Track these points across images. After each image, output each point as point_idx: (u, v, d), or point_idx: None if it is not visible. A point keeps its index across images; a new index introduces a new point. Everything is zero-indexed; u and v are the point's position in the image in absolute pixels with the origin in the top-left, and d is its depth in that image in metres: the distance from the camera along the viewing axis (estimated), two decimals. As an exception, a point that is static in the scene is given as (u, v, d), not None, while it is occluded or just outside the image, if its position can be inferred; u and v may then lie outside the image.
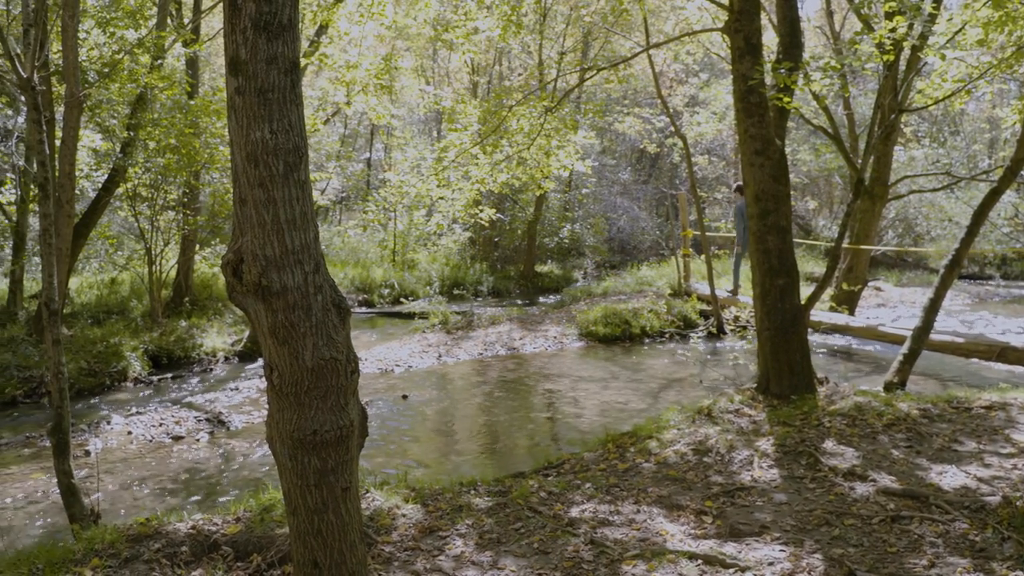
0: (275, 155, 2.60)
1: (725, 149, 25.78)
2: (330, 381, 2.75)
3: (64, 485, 5.20)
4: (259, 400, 9.64)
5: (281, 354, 2.70)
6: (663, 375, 10.88)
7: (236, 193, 2.65)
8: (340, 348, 2.77)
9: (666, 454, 6.31)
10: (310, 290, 2.69)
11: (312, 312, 2.70)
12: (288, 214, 2.63)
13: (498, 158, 11.22)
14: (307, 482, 2.78)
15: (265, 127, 2.57)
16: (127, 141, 12.66)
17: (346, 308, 2.79)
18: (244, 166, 2.61)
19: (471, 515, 4.89)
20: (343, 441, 2.79)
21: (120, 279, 17.76)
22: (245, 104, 2.57)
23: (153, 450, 7.79)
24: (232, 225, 2.69)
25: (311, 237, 2.72)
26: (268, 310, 2.66)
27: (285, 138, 2.61)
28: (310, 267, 2.70)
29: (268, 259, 2.62)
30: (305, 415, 2.74)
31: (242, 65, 2.55)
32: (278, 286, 2.64)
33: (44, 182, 5.26)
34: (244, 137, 2.58)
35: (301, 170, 2.67)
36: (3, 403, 9.89)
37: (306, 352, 2.70)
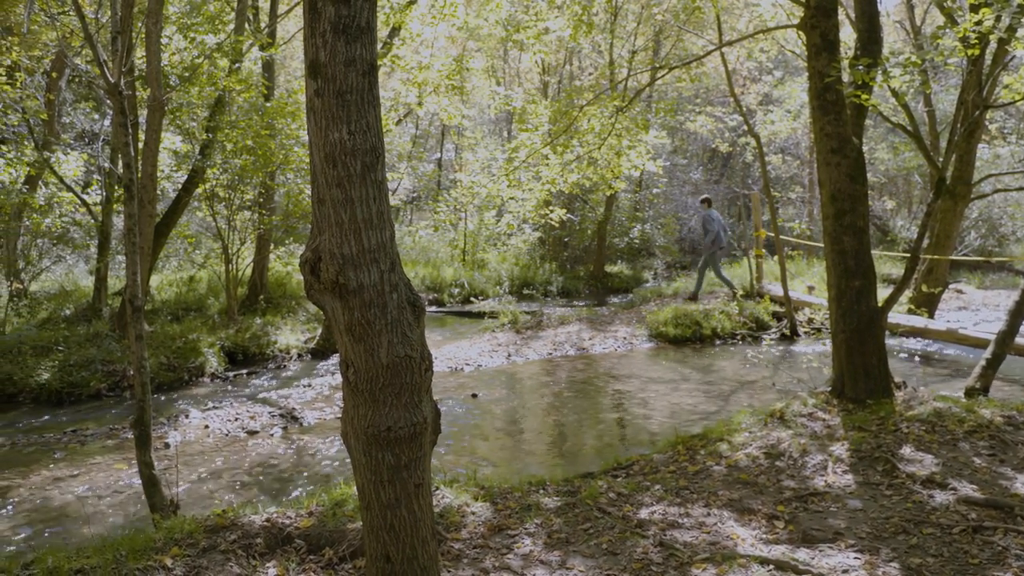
0: (353, 155, 2.64)
1: (799, 148, 25.26)
2: (404, 378, 2.79)
3: (145, 476, 5.38)
4: (331, 397, 9.81)
5: (357, 351, 2.75)
6: (734, 377, 10.72)
7: (314, 193, 2.71)
8: (415, 346, 2.81)
9: (737, 457, 6.21)
10: (386, 288, 2.74)
11: (388, 310, 2.74)
12: (365, 213, 2.67)
13: (568, 158, 11.21)
14: (381, 478, 2.83)
15: (343, 128, 2.62)
16: (206, 143, 13.03)
17: (421, 306, 2.83)
18: (322, 166, 2.66)
19: (540, 514, 4.90)
20: (416, 438, 2.82)
21: (198, 277, 18.27)
22: (324, 106, 2.62)
23: (229, 444, 7.99)
24: (311, 224, 2.74)
25: (387, 236, 2.76)
26: (345, 308, 2.71)
27: (363, 139, 2.65)
28: (386, 265, 2.74)
29: (345, 257, 2.67)
30: (380, 411, 2.79)
31: (321, 68, 2.59)
32: (355, 284, 2.69)
33: (129, 183, 5.44)
34: (323, 138, 2.63)
35: (378, 170, 2.72)
36: (88, 396, 10.28)
37: (381, 349, 2.74)
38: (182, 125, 13.97)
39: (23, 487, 6.78)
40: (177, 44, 13.89)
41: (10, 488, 6.76)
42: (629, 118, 11.34)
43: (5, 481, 6.92)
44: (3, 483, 6.88)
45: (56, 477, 7.02)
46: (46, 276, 17.58)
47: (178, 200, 13.54)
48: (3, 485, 6.83)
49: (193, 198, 14.58)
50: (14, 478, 7.01)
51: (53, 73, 16.67)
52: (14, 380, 10.27)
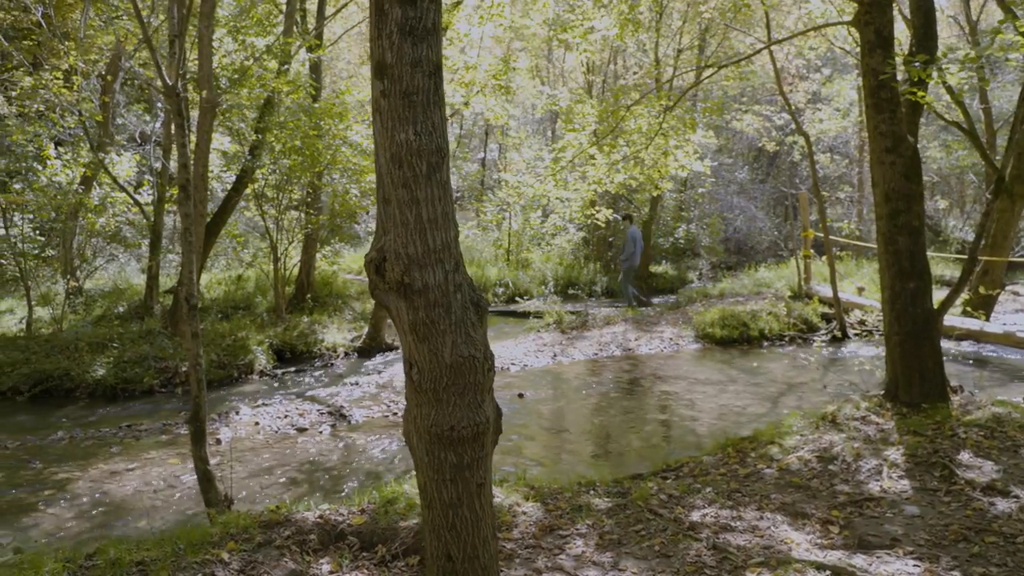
0: (419, 156, 2.66)
1: (848, 147, 24.87)
2: (468, 378, 2.80)
3: (201, 471, 5.47)
4: (378, 396, 9.89)
5: (421, 351, 2.77)
6: (783, 379, 10.60)
7: (379, 193, 2.73)
8: (478, 346, 2.83)
9: (789, 460, 6.14)
10: (450, 288, 2.75)
11: (452, 310, 2.75)
12: (430, 214, 2.69)
13: (615, 158, 11.16)
14: (443, 477, 2.84)
15: (409, 129, 2.64)
16: (255, 144, 13.21)
17: (484, 306, 2.84)
18: (388, 167, 2.68)
19: (591, 515, 4.89)
20: (479, 437, 2.84)
21: (245, 276, 18.53)
22: (390, 107, 2.65)
23: (279, 440, 8.10)
24: (375, 224, 2.76)
25: (451, 236, 2.77)
26: (409, 307, 2.73)
27: (428, 139, 2.67)
28: (450, 266, 2.75)
29: (411, 257, 2.69)
30: (443, 411, 2.80)
31: (388, 69, 2.62)
32: (420, 284, 2.71)
33: (185, 183, 5.54)
34: (389, 139, 2.66)
35: (443, 171, 2.73)
36: (142, 392, 10.48)
37: (445, 349, 2.76)
38: (231, 126, 14.18)
39: (82, 480, 6.94)
40: (227, 47, 14.10)
41: (70, 480, 6.92)
42: (676, 117, 11.25)
43: (66, 473, 7.09)
44: (64, 475, 7.05)
45: (113, 471, 7.17)
46: (99, 274, 17.96)
47: (228, 200, 13.75)
48: (64, 477, 6.99)
49: (242, 198, 14.79)
50: (74, 471, 7.18)
51: (108, 76, 17.02)
52: (71, 375, 10.51)
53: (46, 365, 10.72)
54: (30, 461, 7.48)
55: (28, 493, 6.63)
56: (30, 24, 16.67)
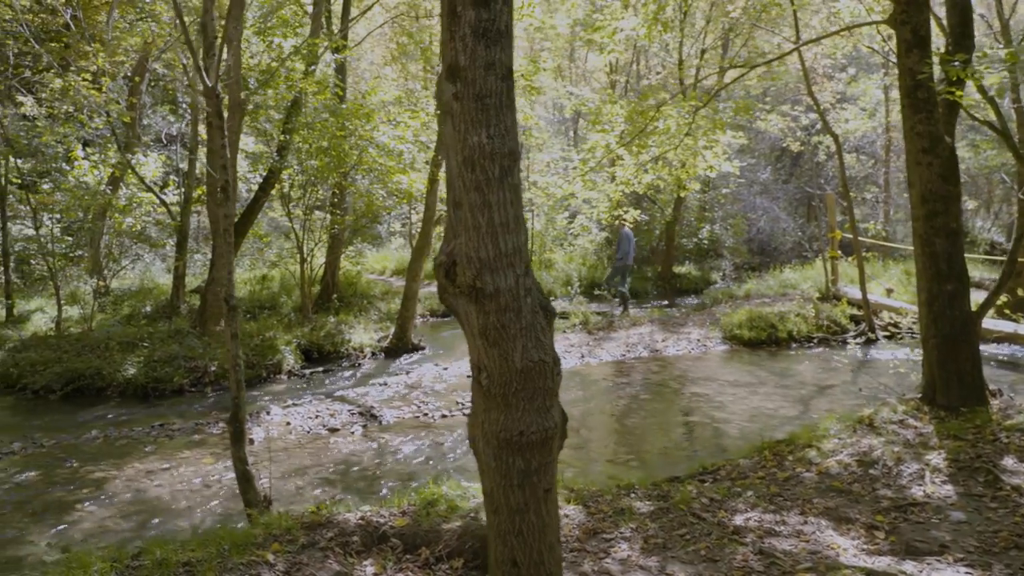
0: (491, 159, 2.64)
1: (875, 147, 24.65)
2: (537, 383, 2.78)
3: (240, 471, 5.48)
4: (408, 396, 9.89)
5: (491, 355, 2.75)
6: (813, 381, 10.51)
7: (450, 197, 2.71)
8: (548, 350, 2.80)
9: (828, 464, 6.08)
10: (520, 292, 2.73)
11: (522, 314, 2.73)
12: (502, 217, 2.67)
13: (644, 159, 11.11)
14: (510, 482, 2.82)
15: (482, 132, 2.62)
16: (283, 144, 13.26)
17: (552, 311, 2.82)
18: (460, 170, 2.67)
19: (634, 519, 4.86)
20: (547, 443, 2.82)
21: (270, 276, 18.62)
22: (463, 110, 2.63)
23: (311, 441, 8.12)
24: (444, 228, 2.74)
25: (522, 240, 2.75)
26: (480, 312, 2.71)
27: (501, 142, 2.65)
28: (521, 270, 2.74)
29: (482, 261, 2.67)
30: (512, 416, 2.78)
31: (461, 71, 2.61)
32: (491, 288, 2.69)
33: (226, 184, 5.55)
34: (461, 142, 2.64)
35: (515, 174, 2.72)
36: (172, 391, 10.54)
37: (515, 354, 2.74)
38: (258, 127, 14.24)
39: (118, 479, 6.98)
40: (255, 48, 14.16)
41: (107, 479, 6.97)
42: (704, 117, 11.18)
43: (102, 472, 7.14)
44: (100, 474, 7.09)
45: (148, 470, 7.21)
46: (125, 274, 18.09)
47: (255, 200, 13.80)
48: (100, 476, 7.04)
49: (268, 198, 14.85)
50: (110, 470, 7.22)
51: (135, 77, 17.15)
52: (103, 375, 10.59)
53: (78, 364, 10.80)
54: (66, 460, 7.54)
55: (66, 492, 6.68)
56: (58, 26, 16.83)
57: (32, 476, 7.09)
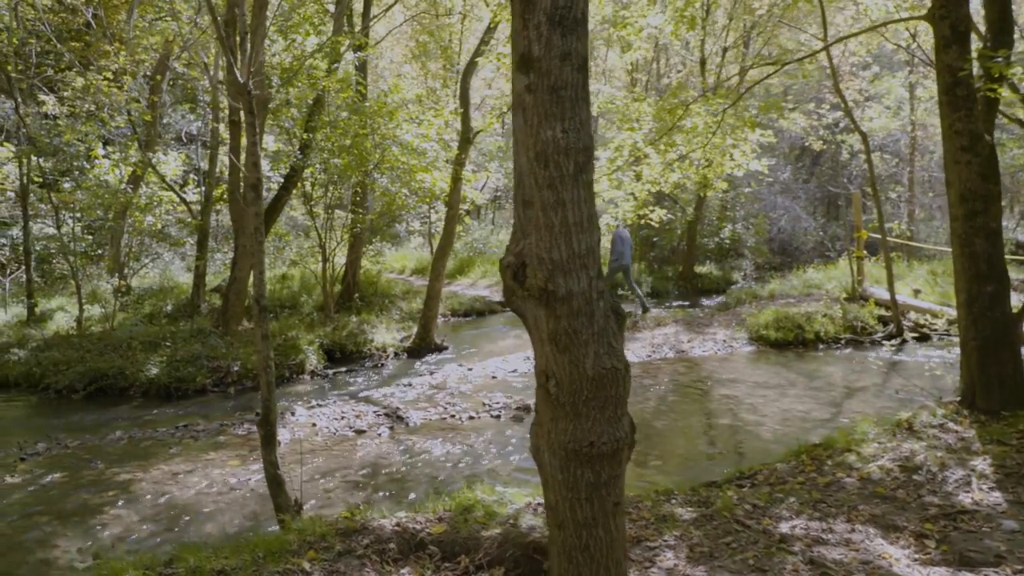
0: (566, 155, 2.50)
1: (899, 145, 24.36)
2: (609, 391, 2.64)
3: (271, 475, 5.38)
4: (433, 397, 9.78)
5: (560, 362, 2.62)
6: (843, 383, 10.33)
7: (519, 194, 2.58)
8: (620, 357, 2.67)
9: (869, 469, 5.93)
10: (593, 296, 2.59)
11: (595, 319, 2.59)
12: (576, 216, 2.53)
13: (671, 158, 10.96)
14: (578, 496, 2.68)
15: (556, 126, 2.48)
16: (305, 142, 13.19)
17: (623, 314, 2.68)
18: (532, 166, 2.53)
19: (677, 526, 4.72)
20: (617, 454, 2.68)
21: (290, 274, 18.58)
22: (536, 102, 2.50)
23: (338, 443, 8.02)
24: (512, 227, 2.61)
25: (595, 240, 2.62)
26: (550, 316, 2.58)
27: (576, 137, 2.52)
28: (594, 272, 2.61)
29: (555, 263, 2.54)
30: (582, 426, 2.65)
31: (534, 62, 2.48)
32: (563, 291, 2.55)
33: (256, 182, 5.46)
34: (533, 136, 2.51)
35: (589, 171, 2.58)
36: (195, 391, 10.48)
37: (587, 360, 2.60)
38: (281, 125, 14.18)
39: (144, 481, 6.90)
40: (276, 47, 14.10)
41: (132, 482, 6.89)
42: (733, 115, 11.02)
43: (127, 475, 7.06)
44: (126, 476, 7.02)
45: (174, 472, 7.13)
46: (145, 272, 18.09)
47: (278, 199, 13.74)
48: (126, 479, 6.96)
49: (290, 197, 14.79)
50: (135, 472, 7.15)
51: (156, 76, 17.13)
52: (125, 374, 10.54)
53: (100, 364, 10.77)
54: (91, 461, 7.47)
55: (92, 495, 6.60)
56: (80, 25, 16.84)
57: (57, 478, 7.03)
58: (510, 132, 29.65)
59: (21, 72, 15.22)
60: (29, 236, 15.05)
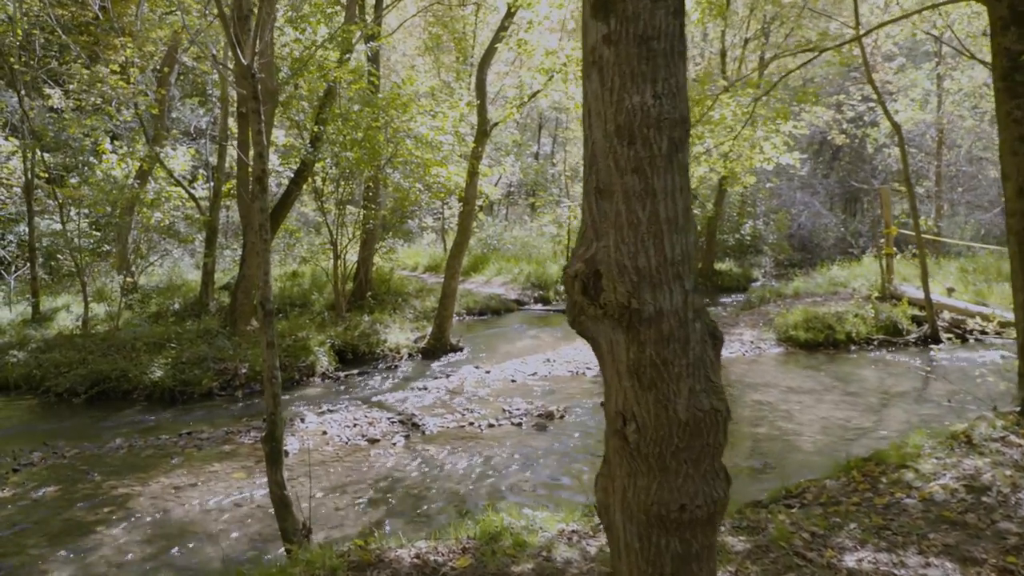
0: (658, 128, 1.93)
1: (924, 139, 23.69)
2: (707, 438, 2.08)
3: (277, 497, 4.90)
4: (450, 403, 9.29)
5: (644, 401, 2.04)
6: (881, 388, 9.80)
7: (589, 182, 2.02)
8: (720, 394, 2.10)
9: (931, 489, 5.40)
10: (689, 315, 2.03)
11: (690, 346, 2.03)
12: (670, 210, 1.96)
13: (697, 151, 10.42)
14: (661, 571, 2.13)
15: (647, 89, 1.91)
16: (315, 135, 12.72)
17: (721, 337, 2.13)
18: (611, 144, 1.96)
19: (730, 559, 4.21)
20: (713, 519, 2.14)
21: (300, 272, 18.13)
22: (618, 57, 1.92)
23: (350, 453, 7.54)
24: (581, 226, 2.05)
25: (692, 242, 2.06)
26: (632, 341, 2.01)
27: (672, 104, 1.94)
28: (690, 283, 2.04)
29: (641, 272, 1.97)
30: (670, 484, 2.08)
31: (615, 4, 1.92)
32: (651, 309, 1.98)
33: (261, 175, 4.98)
34: (614, 103, 1.94)
35: (685, 150, 2.00)
36: (201, 394, 10.04)
37: (679, 400, 2.03)
38: (292, 117, 13.72)
39: (143, 496, 6.44)
40: (286, 37, 13.63)
41: (130, 497, 6.43)
42: (764, 106, 10.47)
43: (125, 488, 6.60)
44: (123, 490, 6.56)
45: (175, 486, 6.67)
46: (152, 270, 17.68)
47: (288, 193, 13.27)
48: (123, 493, 6.50)
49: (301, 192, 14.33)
50: (134, 485, 6.68)
51: (164, 68, 16.71)
52: (129, 377, 10.10)
53: (103, 366, 10.33)
54: (88, 473, 7.01)
55: (86, 511, 6.14)
56: (88, 19, 16.44)
57: (51, 492, 6.57)
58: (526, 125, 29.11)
59: (25, 64, 14.81)
60: (34, 232, 14.64)
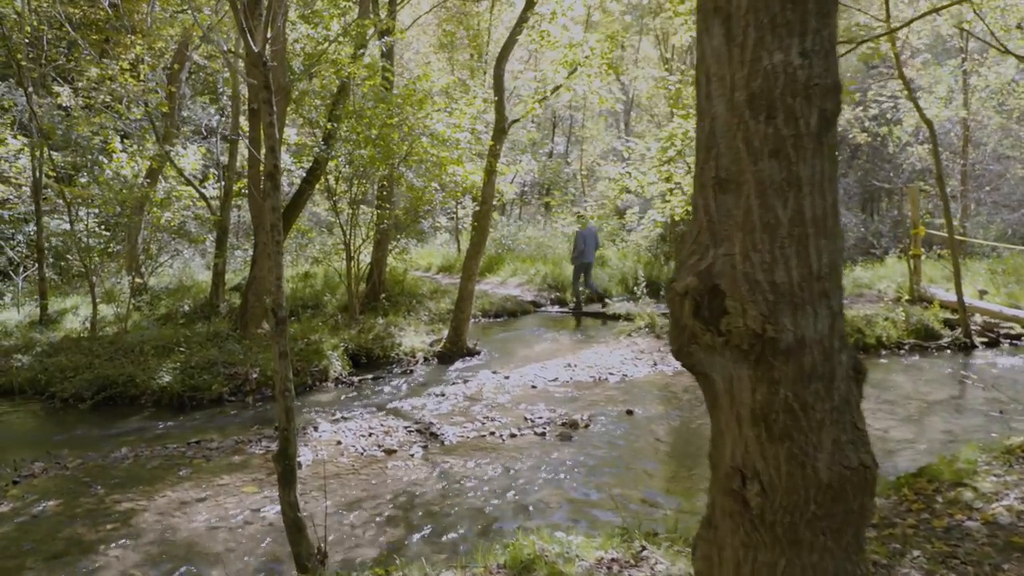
0: (807, 97, 1.46)
1: (949, 136, 23.18)
2: (852, 502, 1.62)
3: (290, 519, 4.53)
4: (469, 410, 8.92)
5: (773, 456, 1.58)
6: (917, 395, 9.37)
7: (708, 170, 1.56)
8: (867, 446, 1.64)
9: (995, 511, 5.00)
10: (835, 344, 1.57)
11: (835, 384, 1.57)
12: (817, 207, 1.52)
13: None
14: None
15: (792, 44, 1.45)
16: (329, 133, 12.37)
17: (865, 372, 1.68)
18: (739, 119, 1.51)
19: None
20: None
21: (312, 272, 17.80)
22: (753, 2, 1.46)
23: (366, 465, 7.17)
24: (690, 228, 1.60)
25: (839, 250, 1.62)
26: (761, 379, 1.54)
27: (823, 66, 1.48)
28: (837, 303, 1.59)
29: (779, 289, 1.51)
30: (802, 561, 1.61)
31: None
32: (791, 338, 1.51)
33: (273, 171, 4.62)
34: (746, 64, 1.48)
35: (834, 128, 1.56)
36: (210, 400, 9.71)
37: (820, 454, 1.56)
38: (305, 114, 13.38)
39: (148, 511, 6.09)
40: (299, 32, 13.30)
41: (135, 512, 6.08)
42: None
43: (130, 503, 6.26)
44: (128, 505, 6.21)
45: (182, 500, 6.32)
46: (163, 270, 17.40)
47: (300, 192, 12.92)
48: (128, 508, 6.16)
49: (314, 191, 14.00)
50: (139, 499, 6.34)
51: (175, 65, 16.42)
52: (136, 382, 9.78)
53: (109, 370, 10.01)
54: (91, 486, 6.68)
55: (88, 527, 5.80)
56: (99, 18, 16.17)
57: (51, 506, 6.23)
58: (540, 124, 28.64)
59: (32, 61, 14.53)
60: (42, 232, 14.36)
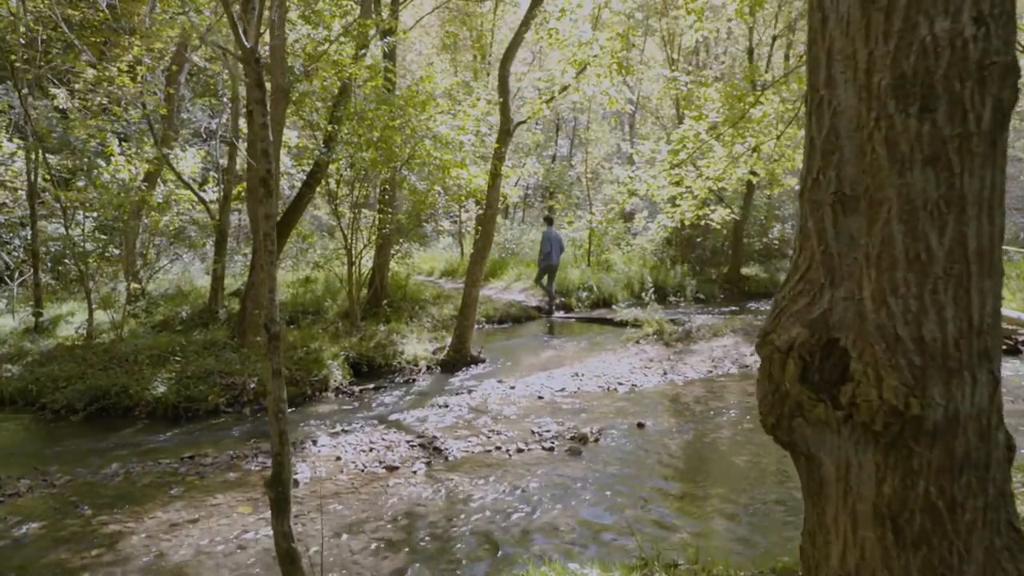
0: (980, 81, 1.09)
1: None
2: None
3: (283, 550, 4.20)
4: (473, 423, 8.60)
5: (903, 566, 1.16)
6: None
7: (825, 183, 1.24)
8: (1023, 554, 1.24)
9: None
10: (993, 420, 1.19)
11: (990, 475, 1.18)
12: (983, 236, 1.12)
13: (738, 151, 9.71)
14: None
15: (964, 6, 1.07)
16: (330, 135, 12.07)
17: (1015, 448, 1.28)
18: (878, 111, 1.16)
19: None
20: None
21: (313, 277, 17.51)
22: None
23: (366, 482, 6.85)
24: (792, 258, 1.26)
25: (1000, 293, 1.19)
26: (895, 468, 1.15)
27: (1002, 37, 1.11)
28: (998, 365, 1.20)
29: (928, 350, 1.13)
30: None
31: None
32: (941, 416, 1.14)
33: (267, 175, 4.29)
34: (893, 36, 1.12)
35: (1007, 126, 1.16)
36: (206, 411, 9.42)
37: (968, 566, 1.17)
38: (304, 117, 13.08)
39: (136, 534, 5.77)
40: (300, 32, 13.00)
41: (123, 534, 5.76)
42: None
43: (118, 524, 5.94)
44: (116, 527, 5.89)
45: (172, 522, 6.00)
46: (162, 276, 17.10)
47: (300, 196, 12.61)
48: (116, 530, 5.83)
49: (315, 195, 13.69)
50: (127, 521, 6.02)
51: (173, 66, 16.13)
52: (130, 393, 9.47)
53: (103, 380, 9.70)
54: (78, 506, 6.35)
55: (73, 552, 5.47)
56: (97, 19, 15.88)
57: (35, 528, 5.91)
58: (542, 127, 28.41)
59: (28, 62, 14.23)
60: (37, 237, 14.06)
